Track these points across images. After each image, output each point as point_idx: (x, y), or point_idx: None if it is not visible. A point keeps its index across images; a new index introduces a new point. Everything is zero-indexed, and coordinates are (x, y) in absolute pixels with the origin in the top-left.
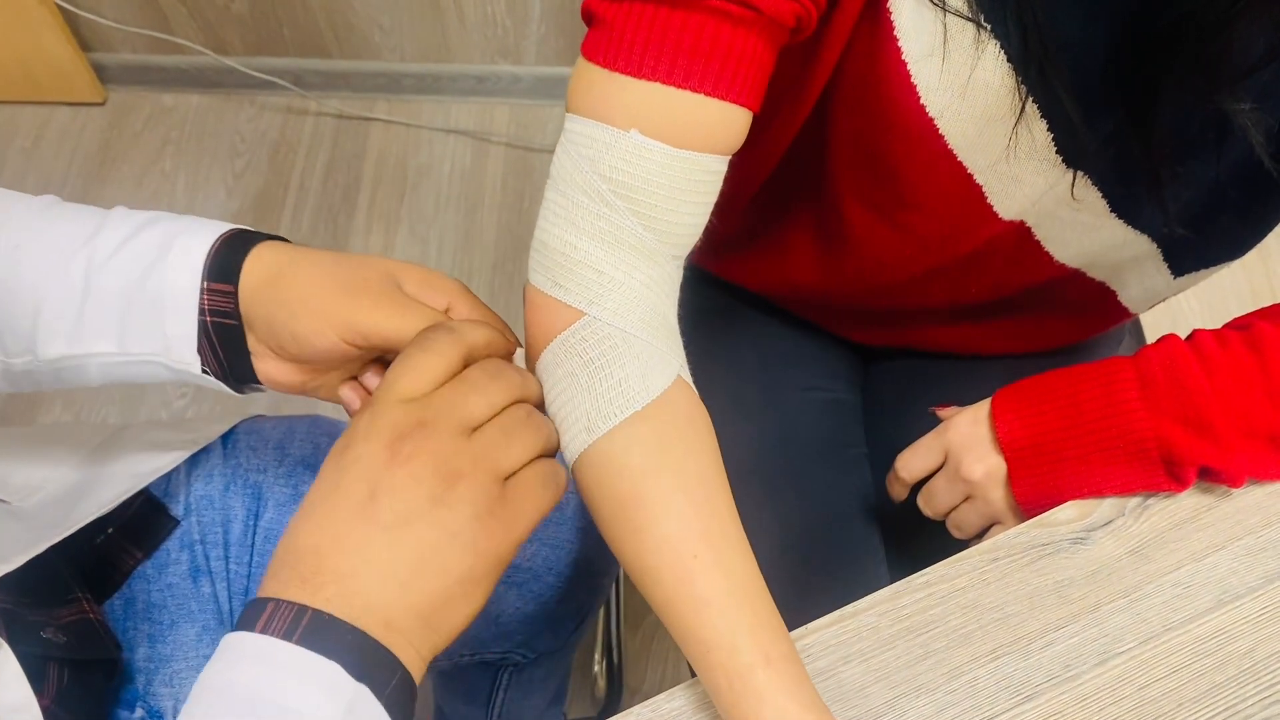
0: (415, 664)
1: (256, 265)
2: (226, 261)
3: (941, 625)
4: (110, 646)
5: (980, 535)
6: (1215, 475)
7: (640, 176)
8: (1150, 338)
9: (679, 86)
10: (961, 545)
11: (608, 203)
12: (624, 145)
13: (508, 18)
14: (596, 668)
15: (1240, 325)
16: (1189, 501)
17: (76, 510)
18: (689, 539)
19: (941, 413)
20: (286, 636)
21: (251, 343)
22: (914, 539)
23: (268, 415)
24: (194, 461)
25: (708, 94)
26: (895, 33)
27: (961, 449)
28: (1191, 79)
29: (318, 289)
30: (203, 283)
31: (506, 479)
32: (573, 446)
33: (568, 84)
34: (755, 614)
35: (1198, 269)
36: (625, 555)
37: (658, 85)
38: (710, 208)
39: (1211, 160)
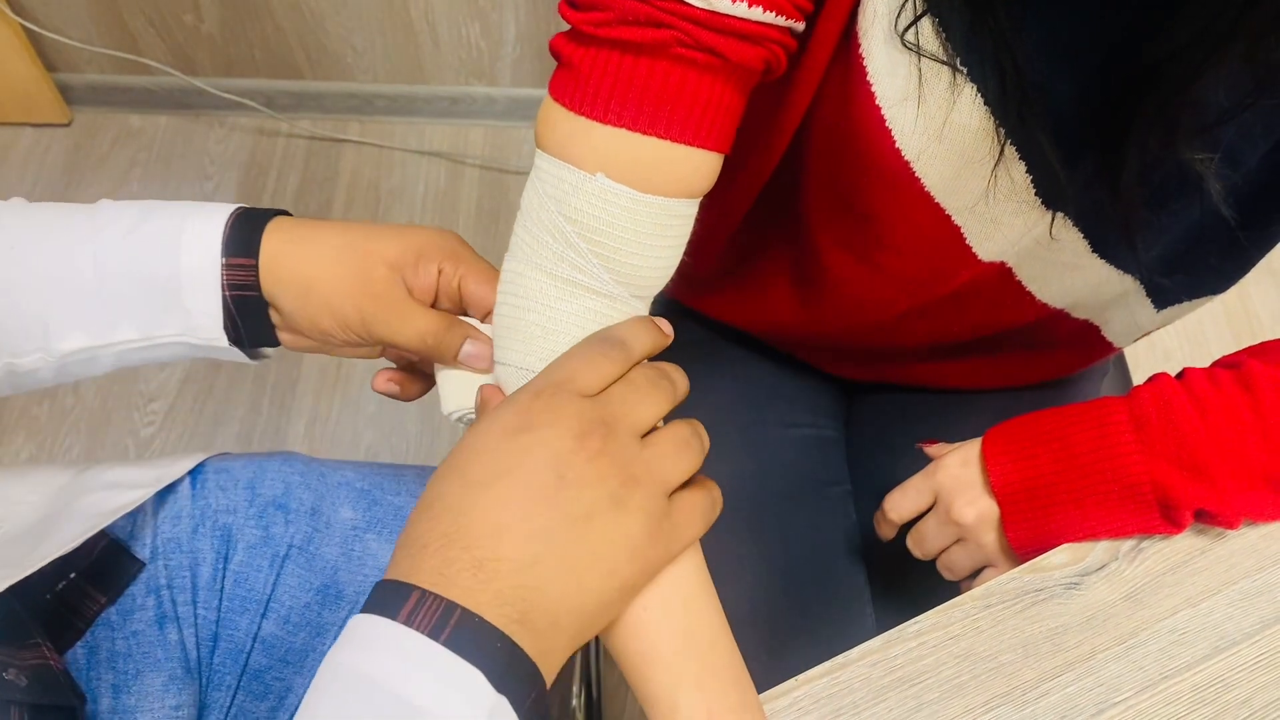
0: (551, 673)
1: (270, 241)
2: (243, 237)
3: (934, 676)
4: (71, 695)
5: (972, 575)
6: (1211, 518)
7: (605, 220)
8: (1130, 364)
9: (645, 133)
10: (951, 585)
11: (571, 245)
12: (590, 188)
13: (482, 39)
14: (575, 701)
15: (1230, 363)
16: (1183, 544)
17: (36, 551)
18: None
19: (930, 450)
20: (433, 635)
21: (273, 316)
22: (902, 579)
23: (235, 453)
24: (160, 502)
25: (674, 140)
26: (868, 77)
27: (952, 492)
28: (1156, 129)
29: (326, 281)
30: (223, 259)
31: (670, 495)
32: None
33: (538, 114)
34: (705, 667)
35: (1180, 302)
36: None
37: (623, 131)
38: (680, 250)
39: (1192, 203)
